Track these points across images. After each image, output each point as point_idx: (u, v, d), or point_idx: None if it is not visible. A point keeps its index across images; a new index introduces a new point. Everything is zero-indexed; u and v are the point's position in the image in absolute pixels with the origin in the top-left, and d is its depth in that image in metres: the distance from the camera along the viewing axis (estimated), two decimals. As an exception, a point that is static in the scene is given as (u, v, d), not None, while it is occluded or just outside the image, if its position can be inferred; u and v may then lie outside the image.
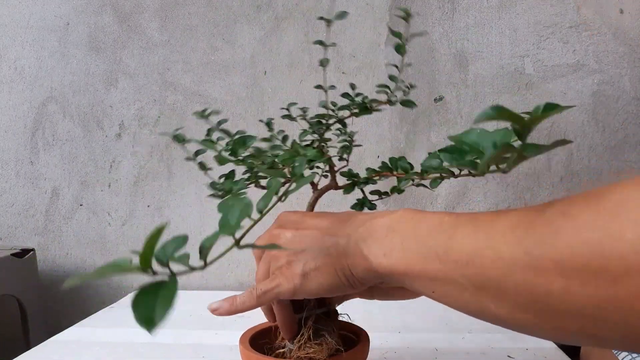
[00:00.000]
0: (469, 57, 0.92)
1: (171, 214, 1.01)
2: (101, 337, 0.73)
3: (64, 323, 0.86)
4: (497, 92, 0.92)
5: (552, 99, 0.90)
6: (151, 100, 1.00)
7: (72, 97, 1.02)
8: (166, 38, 0.99)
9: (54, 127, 1.02)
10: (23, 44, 1.02)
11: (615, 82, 0.89)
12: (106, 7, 1.00)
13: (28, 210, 1.04)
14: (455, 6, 0.92)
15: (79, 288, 1.03)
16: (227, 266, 1.00)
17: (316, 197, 0.53)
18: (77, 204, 1.03)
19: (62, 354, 0.68)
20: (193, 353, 0.67)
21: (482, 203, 0.93)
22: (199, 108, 0.99)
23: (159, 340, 0.71)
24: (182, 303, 0.89)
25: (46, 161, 1.03)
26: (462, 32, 0.93)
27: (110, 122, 1.01)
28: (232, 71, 0.98)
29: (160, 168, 1.00)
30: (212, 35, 0.98)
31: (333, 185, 0.53)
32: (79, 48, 1.01)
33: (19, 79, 1.02)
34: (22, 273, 0.90)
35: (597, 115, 0.90)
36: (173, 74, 0.99)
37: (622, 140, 0.90)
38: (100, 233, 1.02)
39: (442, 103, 0.94)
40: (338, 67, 0.95)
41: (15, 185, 1.04)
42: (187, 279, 1.01)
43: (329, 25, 0.47)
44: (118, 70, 1.00)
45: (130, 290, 1.01)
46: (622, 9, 0.89)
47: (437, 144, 0.94)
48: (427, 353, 0.66)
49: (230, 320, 0.78)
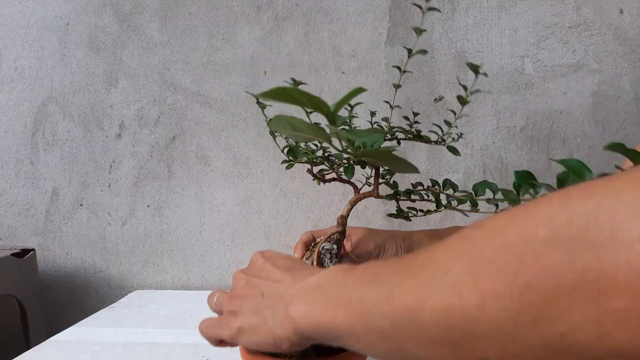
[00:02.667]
0: (469, 57, 0.92)
1: (171, 214, 1.01)
2: (101, 337, 0.73)
3: (64, 323, 0.86)
4: (497, 92, 0.92)
5: (552, 99, 0.90)
6: (151, 100, 1.00)
7: (72, 97, 1.02)
8: (166, 38, 0.99)
9: (54, 127, 1.02)
10: (23, 44, 1.02)
11: (615, 82, 0.89)
12: (106, 7, 1.00)
13: (28, 210, 1.04)
14: (455, 6, 0.92)
15: (79, 288, 1.03)
16: (227, 266, 1.00)
17: (356, 199, 0.54)
18: (77, 204, 1.03)
19: (62, 354, 0.68)
20: (193, 353, 0.67)
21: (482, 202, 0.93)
22: (199, 108, 0.99)
23: (159, 340, 0.71)
24: (182, 303, 0.89)
25: (46, 161, 1.03)
26: (462, 32, 0.93)
27: (110, 122, 1.01)
28: (232, 71, 0.98)
29: (160, 168, 1.00)
30: (212, 35, 0.98)
31: (374, 193, 0.53)
32: (79, 48, 1.01)
33: (19, 79, 1.02)
34: (22, 273, 0.90)
35: (597, 115, 0.90)
36: (173, 74, 0.99)
37: (622, 140, 0.90)
38: (100, 233, 1.02)
39: (442, 103, 0.94)
40: (338, 67, 0.95)
41: (15, 185, 1.04)
42: (187, 279, 1.01)
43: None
44: (118, 70, 1.00)
45: (130, 290, 1.01)
46: (622, 9, 0.89)
47: (437, 144, 0.94)
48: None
49: (230, 320, 0.78)
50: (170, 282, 1.02)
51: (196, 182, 0.99)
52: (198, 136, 0.99)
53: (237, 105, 0.98)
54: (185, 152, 1.00)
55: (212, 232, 1.00)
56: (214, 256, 1.00)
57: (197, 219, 1.00)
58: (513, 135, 0.92)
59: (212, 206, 1.00)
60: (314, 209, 0.97)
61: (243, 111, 0.98)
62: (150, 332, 0.75)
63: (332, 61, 0.95)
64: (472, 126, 0.93)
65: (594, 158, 0.90)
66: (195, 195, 1.00)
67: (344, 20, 0.94)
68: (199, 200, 1.00)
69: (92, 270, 1.03)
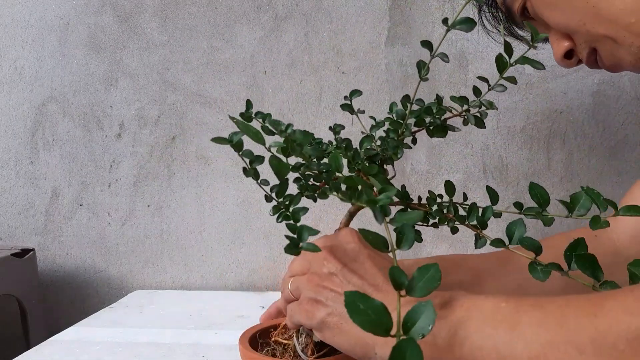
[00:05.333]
0: (469, 57, 0.92)
1: (171, 214, 1.01)
2: (101, 337, 0.73)
3: (64, 323, 0.86)
4: (497, 92, 0.92)
5: (552, 99, 0.90)
6: (151, 100, 1.00)
7: (72, 97, 1.02)
8: (166, 38, 0.99)
9: (54, 127, 1.02)
10: (23, 44, 1.02)
11: (615, 82, 0.89)
12: (106, 7, 1.00)
13: (28, 210, 1.04)
14: (455, 6, 0.92)
15: (79, 288, 1.03)
16: (227, 266, 1.00)
17: (356, 209, 0.49)
18: (77, 204, 1.03)
19: (62, 354, 0.68)
20: (193, 353, 0.67)
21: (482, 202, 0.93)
22: (199, 108, 0.99)
23: (159, 340, 0.71)
24: (182, 303, 0.89)
25: (46, 161, 1.03)
26: (462, 32, 0.92)
27: (110, 122, 1.01)
28: (232, 71, 0.98)
29: (160, 168, 1.00)
30: (212, 35, 0.98)
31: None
32: (79, 48, 1.01)
33: (19, 79, 1.02)
34: (22, 273, 0.90)
35: (597, 115, 0.90)
36: (173, 74, 0.99)
37: (622, 140, 0.90)
38: (100, 233, 1.02)
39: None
40: (338, 67, 0.95)
41: (15, 185, 1.04)
42: (187, 279, 1.01)
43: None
44: (118, 70, 1.00)
45: (130, 290, 1.01)
46: (622, 9, 0.89)
47: (437, 144, 0.94)
48: (427, 353, 0.66)
49: (230, 320, 0.78)
50: (170, 282, 1.02)
51: (196, 182, 0.99)
52: (198, 136, 0.99)
53: (237, 105, 0.98)
54: (185, 152, 1.00)
55: (212, 232, 1.00)
56: (214, 256, 1.00)
57: (197, 219, 1.00)
58: (513, 135, 0.92)
59: (212, 206, 0.99)
60: (314, 209, 0.97)
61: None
62: (150, 332, 0.75)
63: (332, 61, 0.95)
64: (472, 126, 0.93)
65: (594, 158, 0.90)
66: (195, 195, 1.00)
67: (344, 20, 0.94)
68: (199, 200, 1.00)
69: (92, 270, 1.03)
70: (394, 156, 0.47)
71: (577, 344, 0.27)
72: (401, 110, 0.49)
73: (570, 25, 0.52)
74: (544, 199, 0.38)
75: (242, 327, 0.54)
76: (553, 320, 0.28)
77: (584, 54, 0.55)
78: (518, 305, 0.31)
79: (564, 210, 0.36)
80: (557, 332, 0.28)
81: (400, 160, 0.94)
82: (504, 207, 0.45)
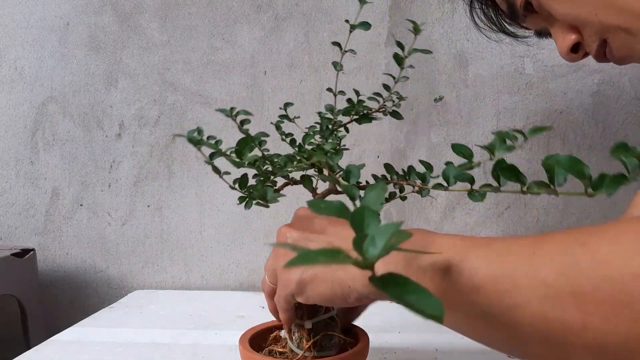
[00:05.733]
0: (469, 57, 0.92)
1: (171, 214, 1.01)
2: (101, 337, 0.73)
3: (64, 323, 0.86)
4: (497, 92, 0.92)
5: (552, 99, 0.90)
6: (151, 100, 1.00)
7: (72, 97, 1.02)
8: (166, 38, 0.99)
9: (54, 127, 1.02)
10: (23, 44, 1.02)
11: (615, 82, 0.89)
12: (106, 7, 1.00)
13: (28, 210, 1.04)
14: (455, 6, 0.92)
15: (79, 288, 1.03)
16: (227, 266, 1.00)
17: (324, 194, 0.52)
18: (77, 204, 1.03)
19: (62, 354, 0.68)
20: (193, 353, 0.67)
21: (482, 202, 0.93)
22: (199, 108, 0.99)
23: (159, 340, 0.71)
24: (182, 303, 0.89)
25: (46, 161, 1.03)
26: (462, 32, 0.93)
27: (110, 122, 1.01)
28: (232, 71, 0.98)
29: (160, 168, 1.00)
30: (212, 35, 0.98)
31: (333, 189, 0.52)
32: (79, 48, 1.01)
33: (19, 79, 1.02)
34: (22, 273, 0.90)
35: (597, 115, 0.90)
36: (173, 74, 0.99)
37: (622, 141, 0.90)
38: (100, 233, 1.02)
39: (442, 103, 0.94)
40: (338, 67, 0.95)
41: (15, 185, 1.04)
42: (187, 279, 1.01)
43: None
44: (118, 70, 1.00)
45: (130, 290, 1.01)
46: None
47: (437, 143, 0.94)
48: (427, 353, 0.66)
49: (230, 320, 0.78)
50: (170, 282, 1.02)
51: (196, 182, 0.99)
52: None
53: (237, 105, 0.97)
54: (185, 152, 1.00)
55: (212, 232, 1.00)
56: (214, 256, 1.00)
57: (197, 219, 1.00)
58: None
59: (212, 206, 1.00)
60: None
61: (243, 111, 0.98)
62: (150, 332, 0.75)
63: (332, 61, 0.95)
64: (472, 126, 0.93)
65: (594, 158, 0.90)
66: (195, 195, 1.00)
67: (344, 20, 0.94)
68: (199, 200, 1.00)
69: (92, 270, 1.03)
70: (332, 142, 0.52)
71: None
72: (330, 105, 0.55)
73: (580, 16, 0.50)
74: (467, 152, 0.42)
75: (242, 327, 0.54)
76: (495, 255, 0.31)
77: (594, 46, 0.53)
78: (473, 242, 0.34)
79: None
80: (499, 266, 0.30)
81: (399, 160, 0.94)
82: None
